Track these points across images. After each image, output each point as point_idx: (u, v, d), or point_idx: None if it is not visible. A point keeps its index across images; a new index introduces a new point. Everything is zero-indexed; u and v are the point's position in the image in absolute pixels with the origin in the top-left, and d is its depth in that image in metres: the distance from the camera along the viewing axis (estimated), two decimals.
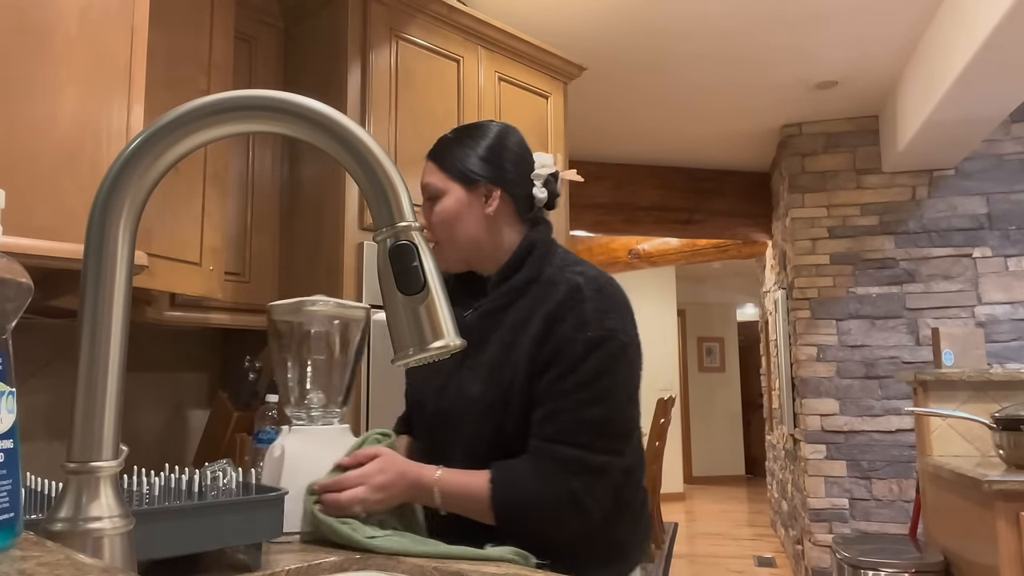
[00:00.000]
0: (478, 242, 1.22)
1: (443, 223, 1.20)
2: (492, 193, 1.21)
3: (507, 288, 1.18)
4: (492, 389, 1.13)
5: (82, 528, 0.57)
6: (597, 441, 1.08)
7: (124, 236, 0.60)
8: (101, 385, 0.59)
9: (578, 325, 1.09)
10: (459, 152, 1.23)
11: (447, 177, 1.22)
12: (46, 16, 1.12)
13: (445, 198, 1.21)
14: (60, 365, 1.81)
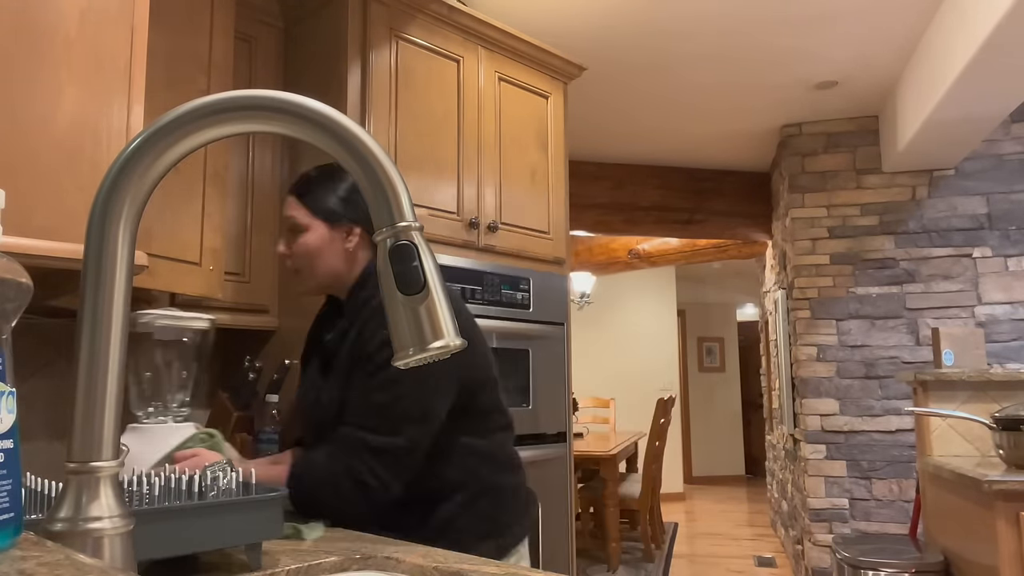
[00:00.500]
0: (337, 273, 1.39)
1: (306, 256, 1.37)
2: (352, 231, 1.38)
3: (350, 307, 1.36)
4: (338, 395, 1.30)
5: (82, 528, 0.57)
6: (380, 424, 1.22)
7: (124, 236, 0.60)
8: (101, 385, 0.59)
9: (377, 327, 1.26)
10: (322, 192, 1.38)
11: (310, 214, 1.37)
12: (46, 16, 1.12)
13: (309, 233, 1.37)
14: (60, 365, 1.81)
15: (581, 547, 4.98)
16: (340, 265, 1.39)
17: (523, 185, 2.57)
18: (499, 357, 2.38)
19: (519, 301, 2.45)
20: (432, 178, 2.27)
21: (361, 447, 1.22)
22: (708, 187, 5.30)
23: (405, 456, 1.24)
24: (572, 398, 2.84)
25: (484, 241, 2.38)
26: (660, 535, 5.76)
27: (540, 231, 2.60)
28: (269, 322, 2.21)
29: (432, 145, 2.28)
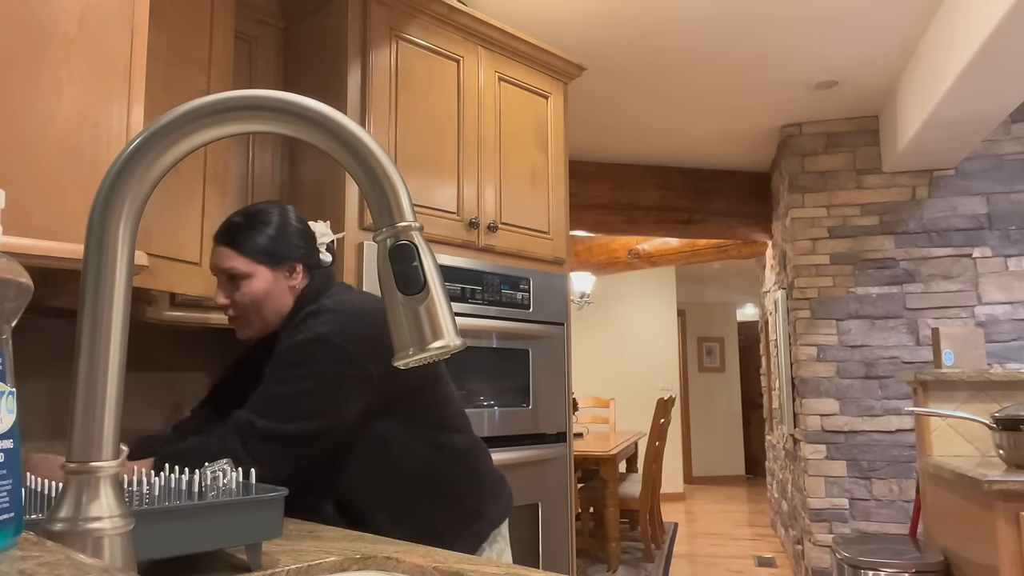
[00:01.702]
0: (281, 311, 1.40)
1: (253, 303, 1.38)
2: (295, 268, 1.41)
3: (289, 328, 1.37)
4: None
5: (82, 528, 0.57)
6: (273, 411, 1.24)
7: (124, 236, 0.60)
8: (101, 385, 0.59)
9: (293, 334, 1.31)
10: (257, 236, 1.39)
11: (251, 260, 1.38)
12: (46, 16, 1.12)
13: (253, 280, 1.38)
14: (60, 365, 1.81)
15: (581, 547, 4.98)
16: (285, 303, 1.41)
17: (523, 185, 2.57)
18: (499, 357, 2.38)
19: (519, 301, 2.45)
20: (432, 178, 2.27)
21: (246, 428, 1.23)
22: (708, 187, 5.30)
23: (293, 446, 1.25)
24: (572, 398, 2.84)
25: (484, 241, 2.38)
26: (660, 535, 5.76)
27: (540, 231, 2.60)
28: None
29: (432, 145, 2.28)
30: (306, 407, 1.26)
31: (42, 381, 1.73)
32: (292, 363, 1.28)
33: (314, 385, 1.27)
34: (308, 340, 1.28)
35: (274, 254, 1.39)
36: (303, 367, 1.27)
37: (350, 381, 1.30)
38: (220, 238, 1.41)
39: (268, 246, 1.39)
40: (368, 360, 1.30)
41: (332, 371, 1.28)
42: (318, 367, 1.28)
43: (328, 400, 1.28)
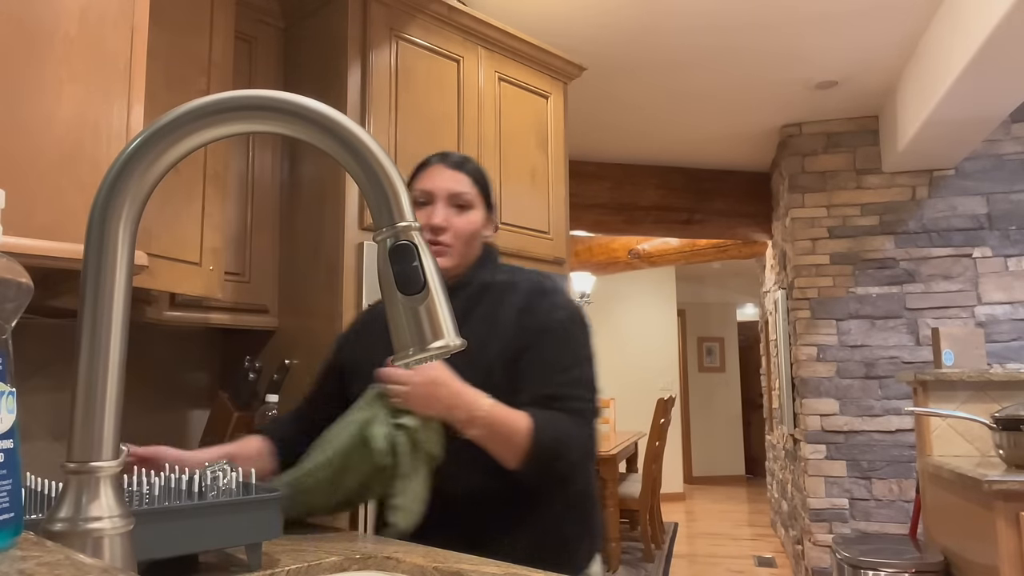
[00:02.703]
0: (474, 255, 1.37)
1: (469, 235, 1.34)
2: (494, 219, 1.42)
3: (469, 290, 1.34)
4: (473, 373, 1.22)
5: (82, 528, 0.57)
6: (589, 395, 1.25)
7: (124, 236, 0.60)
8: (101, 385, 0.59)
9: (552, 307, 1.29)
10: (485, 177, 1.40)
11: (479, 195, 1.36)
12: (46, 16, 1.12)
13: (475, 212, 1.35)
14: (60, 365, 1.81)
15: None
16: (478, 250, 1.39)
17: (523, 185, 2.57)
18: None
19: None
20: None
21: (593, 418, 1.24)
22: (708, 187, 5.29)
23: None
24: None
25: None
26: (660, 535, 5.76)
27: (540, 231, 2.60)
28: (269, 322, 2.21)
29: (432, 145, 2.28)
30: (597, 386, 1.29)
31: (42, 381, 1.73)
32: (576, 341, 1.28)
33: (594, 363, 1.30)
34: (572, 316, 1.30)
35: (490, 198, 1.40)
36: (584, 346, 1.29)
37: None
38: (453, 163, 1.37)
39: (489, 189, 1.40)
40: None
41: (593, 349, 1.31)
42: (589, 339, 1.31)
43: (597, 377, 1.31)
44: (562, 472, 1.21)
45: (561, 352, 1.26)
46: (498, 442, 1.17)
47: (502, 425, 1.16)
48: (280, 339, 2.21)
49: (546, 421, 1.18)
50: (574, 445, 1.20)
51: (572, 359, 1.26)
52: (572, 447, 1.20)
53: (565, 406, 1.20)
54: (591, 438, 1.24)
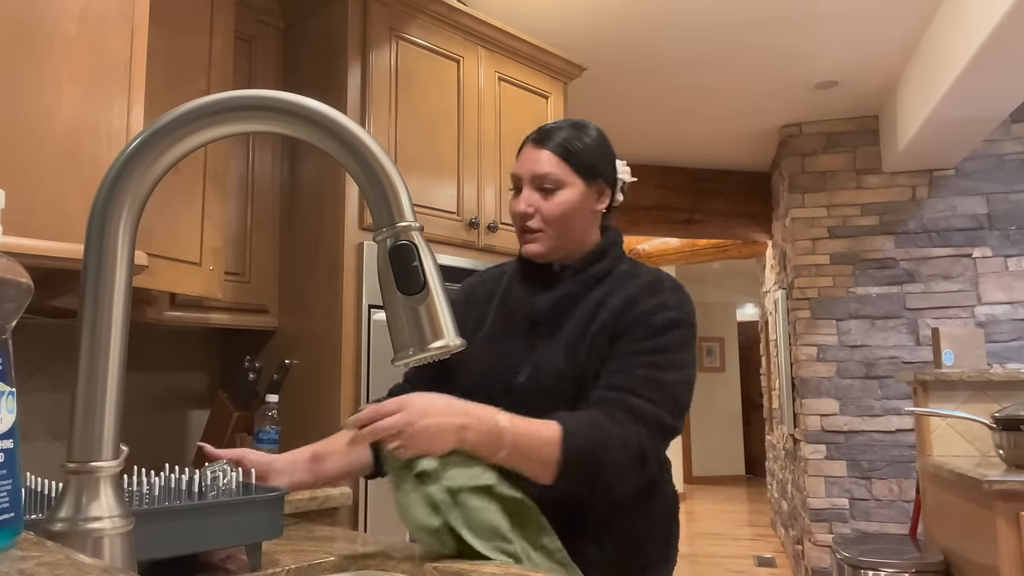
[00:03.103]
0: (579, 236, 1.25)
1: (562, 215, 1.22)
2: (605, 191, 1.26)
3: (586, 276, 1.23)
4: (572, 364, 1.15)
5: (82, 528, 0.57)
6: (668, 403, 1.10)
7: (124, 236, 0.60)
8: (101, 385, 0.59)
9: (660, 305, 1.17)
10: (580, 146, 1.24)
11: (570, 169, 1.23)
12: (46, 16, 1.12)
13: (566, 190, 1.22)
14: (60, 365, 1.81)
15: None
16: (585, 227, 1.25)
17: None
18: None
19: None
20: (432, 178, 2.27)
21: (656, 425, 1.08)
22: (708, 187, 5.29)
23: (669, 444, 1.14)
24: None
25: (484, 241, 2.38)
26: None
27: None
28: (269, 322, 2.21)
29: (432, 145, 2.28)
30: (686, 401, 1.15)
31: (42, 381, 1.73)
32: (675, 346, 1.15)
33: (690, 377, 1.16)
34: (681, 321, 1.17)
35: (592, 167, 1.24)
36: (682, 352, 1.16)
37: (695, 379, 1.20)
38: (535, 140, 1.26)
39: (593, 159, 1.24)
40: None
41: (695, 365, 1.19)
42: (692, 356, 1.18)
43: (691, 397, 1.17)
44: (609, 481, 1.05)
45: (650, 350, 1.13)
46: (526, 457, 1.03)
47: (526, 437, 1.03)
48: (280, 339, 2.21)
49: (579, 425, 1.05)
50: (614, 448, 1.04)
51: (660, 361, 1.13)
52: (612, 451, 1.04)
53: (630, 404, 1.08)
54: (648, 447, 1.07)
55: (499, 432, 1.01)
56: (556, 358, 1.17)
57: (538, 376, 1.17)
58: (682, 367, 1.14)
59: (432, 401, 1.01)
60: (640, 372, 1.11)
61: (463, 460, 0.98)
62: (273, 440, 1.99)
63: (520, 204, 1.23)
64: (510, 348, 1.22)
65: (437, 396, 1.03)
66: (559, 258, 1.25)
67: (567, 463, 1.02)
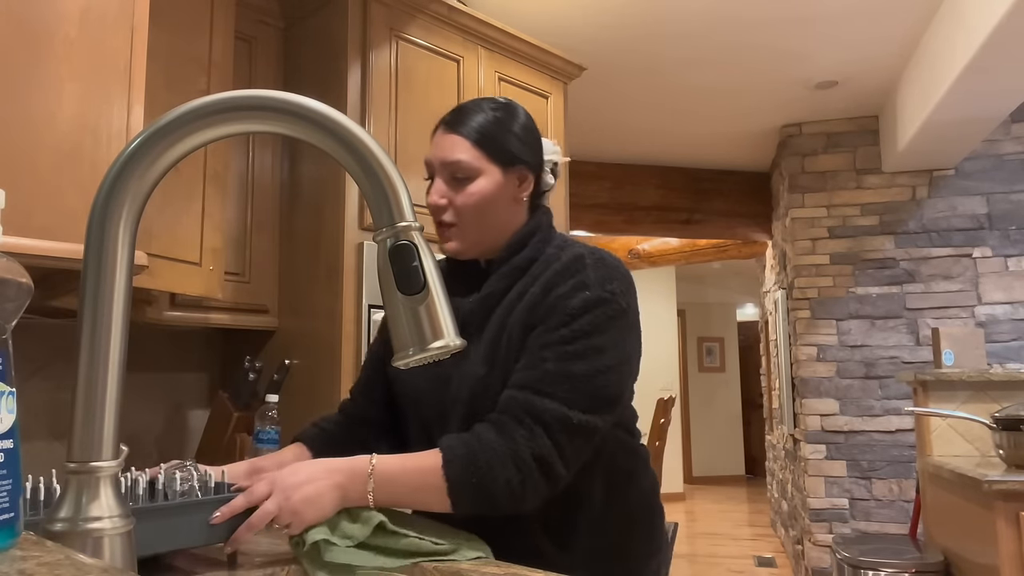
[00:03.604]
0: (501, 228, 1.14)
1: (475, 206, 1.11)
2: (527, 177, 1.16)
3: (509, 268, 1.13)
4: (493, 368, 1.07)
5: (82, 528, 0.57)
6: (578, 397, 1.00)
7: (124, 236, 0.60)
8: (101, 385, 0.59)
9: (577, 286, 1.05)
10: (497, 130, 1.13)
11: (484, 156, 1.12)
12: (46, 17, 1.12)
13: (481, 179, 1.11)
14: (60, 365, 1.81)
15: None
16: (507, 217, 1.15)
17: None
18: None
19: None
20: None
21: (559, 423, 0.98)
22: (708, 187, 5.29)
23: (593, 441, 1.03)
24: None
25: None
26: None
27: None
28: (269, 322, 2.21)
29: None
30: (609, 392, 1.04)
31: (42, 381, 1.73)
32: (591, 330, 1.02)
33: (615, 364, 1.04)
34: (601, 300, 1.04)
35: (509, 153, 1.13)
36: (599, 336, 1.03)
37: (635, 359, 1.09)
38: (449, 124, 1.15)
39: (511, 144, 1.13)
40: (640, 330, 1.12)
41: (624, 347, 1.06)
42: (618, 336, 1.05)
43: (623, 383, 1.07)
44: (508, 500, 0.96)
45: (562, 340, 1.02)
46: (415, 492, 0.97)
47: (406, 474, 0.96)
48: (280, 339, 2.21)
49: (459, 448, 0.97)
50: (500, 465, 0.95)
51: (570, 350, 1.01)
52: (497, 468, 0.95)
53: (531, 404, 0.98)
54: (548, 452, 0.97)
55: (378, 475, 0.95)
56: (477, 364, 1.08)
57: (464, 389, 1.08)
58: (600, 353, 1.02)
59: (298, 470, 0.94)
60: (548, 366, 1.01)
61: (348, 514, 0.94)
62: (273, 440, 1.99)
63: (432, 195, 1.13)
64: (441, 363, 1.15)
65: (303, 464, 0.97)
66: (481, 253, 1.16)
67: (453, 490, 0.95)
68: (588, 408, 1.00)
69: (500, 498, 0.96)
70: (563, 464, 0.98)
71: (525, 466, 0.96)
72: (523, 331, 1.06)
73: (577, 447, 1.00)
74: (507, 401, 1.01)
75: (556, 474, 0.98)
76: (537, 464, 0.96)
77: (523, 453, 0.96)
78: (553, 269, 1.09)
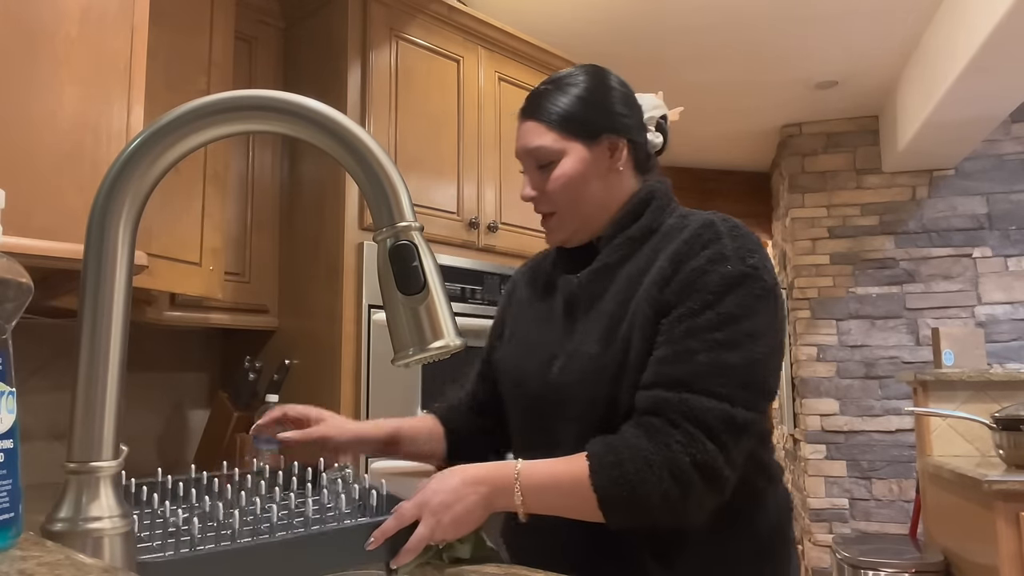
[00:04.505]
0: (603, 204, 1.06)
1: (566, 189, 1.04)
2: (618, 145, 1.06)
3: (622, 240, 1.03)
4: (609, 347, 0.96)
5: (82, 528, 0.57)
6: (738, 392, 0.89)
7: (124, 236, 0.60)
8: (101, 385, 0.59)
9: (715, 258, 0.93)
10: (568, 103, 1.06)
11: (562, 136, 1.05)
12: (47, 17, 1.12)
13: (565, 160, 1.04)
14: (60, 365, 1.81)
15: None
16: (606, 192, 1.06)
17: None
18: None
19: None
20: (432, 178, 2.27)
21: (723, 424, 0.87)
22: (709, 187, 5.30)
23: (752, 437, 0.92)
24: None
25: (484, 241, 2.38)
26: None
27: (540, 231, 2.59)
28: (269, 322, 2.21)
29: (432, 145, 2.28)
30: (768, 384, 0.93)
31: (42, 381, 1.73)
32: (741, 311, 0.91)
33: (766, 350, 0.92)
34: (745, 276, 0.93)
35: (588, 123, 1.05)
36: (749, 320, 0.91)
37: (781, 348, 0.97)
38: (523, 111, 1.12)
39: (581, 113, 1.05)
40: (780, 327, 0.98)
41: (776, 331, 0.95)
42: (767, 319, 0.93)
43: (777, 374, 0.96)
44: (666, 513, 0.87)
45: (709, 325, 0.91)
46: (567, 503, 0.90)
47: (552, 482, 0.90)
48: (280, 339, 2.21)
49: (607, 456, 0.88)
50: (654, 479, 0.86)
51: (721, 338, 0.90)
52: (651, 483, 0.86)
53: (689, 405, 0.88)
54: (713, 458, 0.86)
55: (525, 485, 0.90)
56: (589, 342, 0.98)
57: (572, 367, 0.99)
58: (753, 340, 0.90)
59: (441, 488, 0.89)
60: (700, 358, 0.89)
61: None
62: (273, 441, 1.99)
63: (523, 191, 1.09)
64: (545, 339, 1.04)
65: (446, 478, 0.91)
66: (592, 234, 1.07)
67: (603, 504, 0.87)
68: (749, 404, 0.90)
69: (657, 511, 0.87)
70: (730, 468, 0.88)
71: (684, 476, 0.86)
72: (654, 310, 0.95)
73: (742, 449, 0.90)
74: (657, 401, 0.90)
75: (723, 480, 0.88)
76: (699, 472, 0.86)
77: (681, 462, 0.86)
78: (681, 239, 0.97)
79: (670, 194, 1.09)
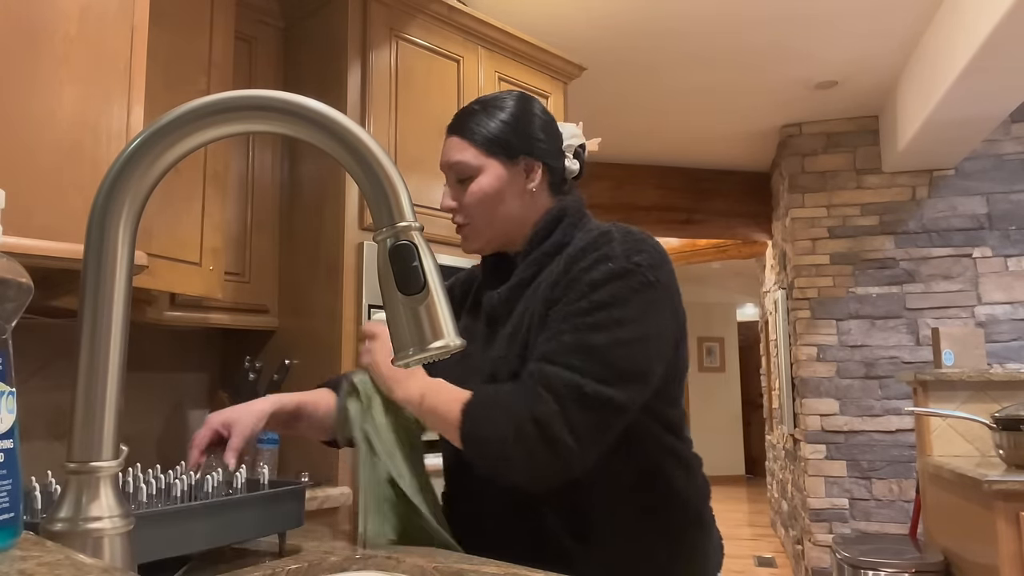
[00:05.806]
0: (517, 220, 1.13)
1: (481, 203, 1.11)
2: (534, 167, 1.14)
3: (537, 255, 1.11)
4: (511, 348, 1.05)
5: (82, 528, 0.57)
6: (594, 367, 0.94)
7: (124, 236, 0.60)
8: (101, 385, 0.59)
9: (600, 258, 1.01)
10: (492, 124, 1.13)
11: (482, 153, 1.12)
12: (46, 16, 1.12)
13: (482, 176, 1.11)
14: (60, 365, 1.81)
15: None
16: (519, 210, 1.13)
17: None
18: None
19: None
20: (432, 178, 2.27)
21: (569, 390, 0.93)
22: (708, 187, 5.30)
23: (614, 418, 0.96)
24: None
25: None
26: None
27: None
28: (269, 322, 2.21)
29: (432, 145, 2.28)
30: (632, 366, 0.97)
31: (42, 381, 1.73)
32: (613, 301, 0.98)
33: (637, 337, 0.98)
34: (625, 271, 0.99)
35: (508, 144, 1.12)
36: (620, 308, 0.98)
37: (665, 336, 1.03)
38: (450, 127, 1.16)
39: (501, 133, 1.13)
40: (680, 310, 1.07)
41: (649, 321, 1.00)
42: (642, 309, 0.99)
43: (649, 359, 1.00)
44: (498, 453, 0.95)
45: (581, 311, 0.97)
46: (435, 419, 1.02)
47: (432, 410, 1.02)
48: (280, 339, 2.21)
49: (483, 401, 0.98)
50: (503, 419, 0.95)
51: (589, 321, 0.96)
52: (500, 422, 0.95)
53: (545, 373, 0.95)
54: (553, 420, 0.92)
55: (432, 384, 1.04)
56: (500, 350, 1.07)
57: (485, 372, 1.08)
58: (622, 323, 0.96)
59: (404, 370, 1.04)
60: (565, 338, 0.97)
61: None
62: (273, 440, 1.99)
63: (442, 200, 1.15)
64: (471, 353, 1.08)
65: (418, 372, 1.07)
66: (502, 246, 1.15)
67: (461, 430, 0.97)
68: (605, 379, 0.94)
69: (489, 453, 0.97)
70: (571, 435, 0.92)
71: (522, 427, 0.93)
72: (544, 307, 1.03)
73: (591, 420, 0.94)
74: (525, 372, 0.99)
75: (561, 443, 0.92)
76: (536, 427, 0.92)
77: (522, 413, 0.93)
78: (576, 245, 1.06)
79: (583, 210, 1.18)
